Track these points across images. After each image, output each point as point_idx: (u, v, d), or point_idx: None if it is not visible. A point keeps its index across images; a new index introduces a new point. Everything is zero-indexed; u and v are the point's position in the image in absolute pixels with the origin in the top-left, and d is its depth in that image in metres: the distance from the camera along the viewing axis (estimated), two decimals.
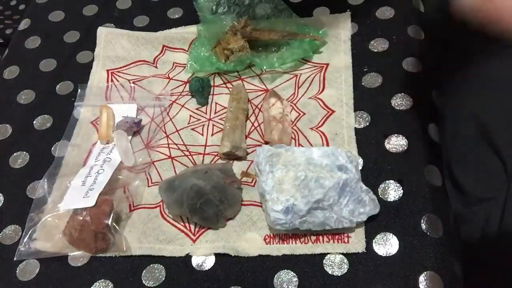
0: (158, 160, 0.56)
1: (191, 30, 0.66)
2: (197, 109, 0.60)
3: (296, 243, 0.48)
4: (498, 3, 0.39)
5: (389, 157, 0.52)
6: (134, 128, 0.58)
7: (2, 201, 0.56)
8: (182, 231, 0.51)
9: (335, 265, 0.46)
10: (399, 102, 0.55)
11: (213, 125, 0.58)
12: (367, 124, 0.55)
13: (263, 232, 0.49)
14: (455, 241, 0.48)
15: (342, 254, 0.47)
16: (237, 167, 0.54)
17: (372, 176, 0.51)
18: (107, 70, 0.65)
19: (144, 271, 0.49)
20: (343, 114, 0.56)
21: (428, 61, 0.59)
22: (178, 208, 0.50)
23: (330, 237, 0.48)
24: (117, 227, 0.50)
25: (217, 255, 0.49)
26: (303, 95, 0.58)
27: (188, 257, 0.49)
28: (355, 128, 0.55)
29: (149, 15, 0.71)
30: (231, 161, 0.54)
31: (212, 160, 0.55)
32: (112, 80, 0.64)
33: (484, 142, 0.63)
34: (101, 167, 0.54)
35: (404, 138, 0.53)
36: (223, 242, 0.49)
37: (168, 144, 0.57)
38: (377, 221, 0.48)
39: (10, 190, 0.56)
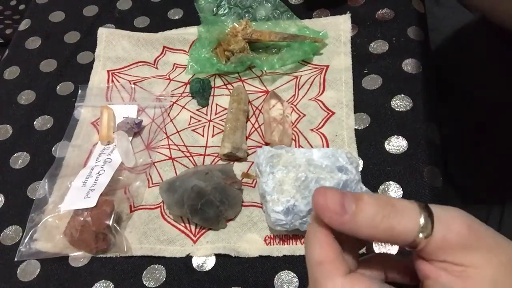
0: (159, 161, 0.56)
1: (191, 31, 0.67)
2: (197, 110, 0.60)
3: (296, 244, 0.48)
4: None
5: (389, 158, 0.52)
6: (134, 129, 0.58)
7: (3, 202, 0.56)
8: (183, 232, 0.51)
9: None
10: (399, 103, 0.56)
11: (214, 126, 0.58)
12: (367, 125, 0.55)
13: (263, 233, 0.49)
14: None
15: None
16: (238, 168, 0.54)
17: (372, 177, 0.51)
18: (108, 71, 0.65)
19: (144, 272, 0.49)
20: (343, 115, 0.56)
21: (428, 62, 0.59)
22: (178, 209, 0.50)
23: None
24: (118, 227, 0.50)
25: (217, 255, 0.49)
26: (303, 96, 0.58)
27: (188, 258, 0.49)
28: (355, 129, 0.55)
29: (149, 16, 0.71)
30: (231, 162, 0.55)
31: (212, 161, 0.55)
32: (112, 81, 0.64)
33: (483, 143, 0.63)
34: (102, 168, 0.54)
35: (404, 139, 0.53)
36: (224, 243, 0.49)
37: (169, 145, 0.57)
38: None
39: (10, 191, 0.56)
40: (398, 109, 0.55)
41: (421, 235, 0.25)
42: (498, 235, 0.27)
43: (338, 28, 0.63)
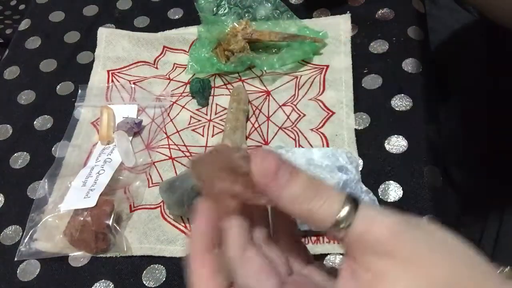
0: (159, 161, 0.56)
1: (191, 31, 0.67)
2: (197, 110, 0.60)
3: None
4: None
5: (389, 158, 0.52)
6: (134, 128, 0.58)
7: (3, 202, 0.56)
8: (183, 232, 0.51)
9: (335, 266, 0.46)
10: (399, 103, 0.56)
11: (214, 126, 0.58)
12: (367, 125, 0.55)
13: None
14: None
15: (342, 254, 0.47)
16: None
17: (372, 177, 0.51)
18: (108, 71, 0.65)
19: (144, 272, 0.49)
20: (343, 115, 0.56)
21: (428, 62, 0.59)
22: (178, 209, 0.50)
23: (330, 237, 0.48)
24: (117, 227, 0.50)
25: None
26: (303, 96, 0.58)
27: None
28: (355, 129, 0.55)
29: (149, 16, 0.71)
30: None
31: None
32: (112, 81, 0.64)
33: (483, 143, 0.63)
34: (102, 167, 0.54)
35: (404, 138, 0.53)
36: None
37: (169, 144, 0.57)
38: None
39: (10, 191, 0.56)
40: (398, 109, 0.55)
41: (341, 225, 0.24)
42: (440, 250, 0.24)
43: (338, 28, 0.63)
